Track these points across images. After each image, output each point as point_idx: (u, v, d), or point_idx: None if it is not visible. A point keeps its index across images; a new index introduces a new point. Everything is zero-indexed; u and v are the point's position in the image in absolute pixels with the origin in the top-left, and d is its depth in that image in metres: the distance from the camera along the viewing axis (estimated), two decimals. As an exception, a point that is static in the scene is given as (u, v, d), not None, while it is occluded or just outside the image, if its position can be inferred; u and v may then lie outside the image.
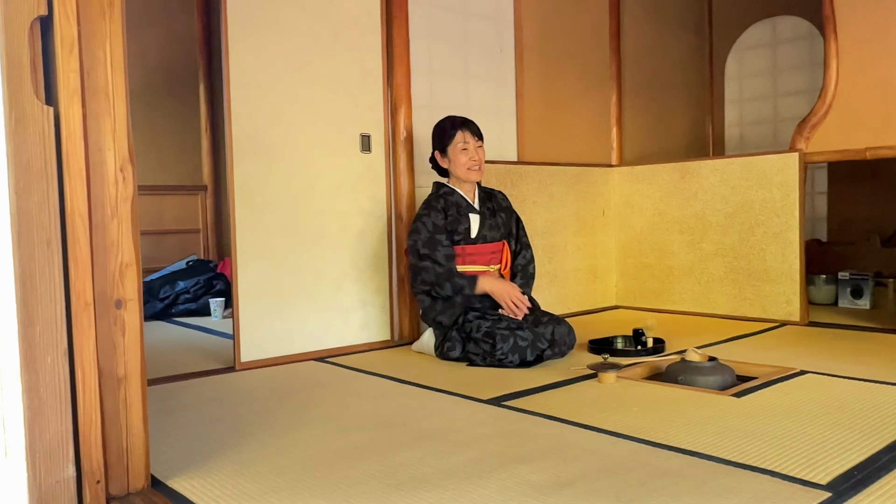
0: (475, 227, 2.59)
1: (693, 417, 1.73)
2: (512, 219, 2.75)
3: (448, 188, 2.63)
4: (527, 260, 2.69)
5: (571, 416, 1.77)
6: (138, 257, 1.29)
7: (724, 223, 3.33)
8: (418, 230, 2.51)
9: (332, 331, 2.73)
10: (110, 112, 1.27)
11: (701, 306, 3.44)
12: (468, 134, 2.56)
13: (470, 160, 2.57)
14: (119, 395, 1.30)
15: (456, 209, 2.58)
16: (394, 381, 2.22)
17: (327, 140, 2.71)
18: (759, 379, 2.08)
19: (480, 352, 2.38)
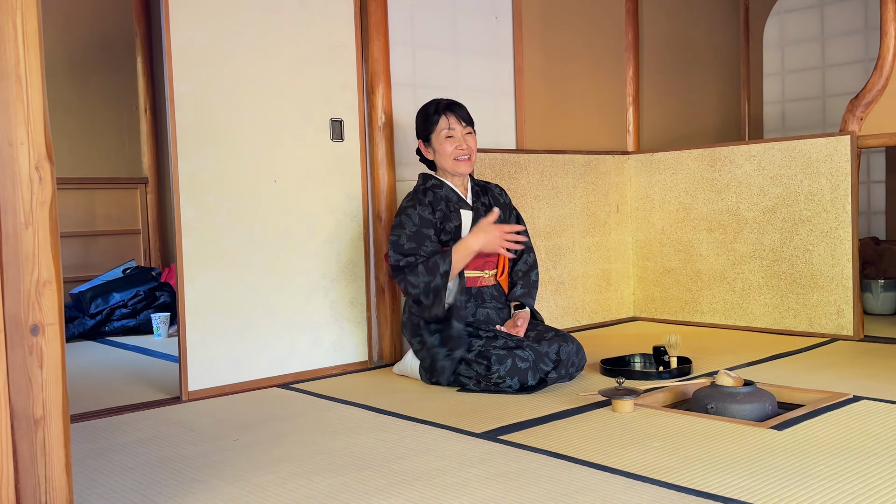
0: (467, 224, 2.60)
1: (725, 455, 1.73)
2: (511, 217, 2.75)
3: (436, 180, 2.63)
4: (528, 265, 2.70)
5: (580, 452, 1.76)
6: (58, 273, 1.27)
7: (761, 220, 3.34)
8: (402, 224, 2.51)
9: (298, 351, 2.73)
10: (23, 99, 1.25)
11: (735, 318, 3.45)
12: (453, 119, 2.57)
13: (457, 149, 2.57)
14: (36, 438, 1.28)
15: (445, 204, 2.59)
16: (372, 411, 2.21)
17: (291, 126, 2.71)
18: (805, 407, 2.09)
19: (473, 375, 2.38)
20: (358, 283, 2.87)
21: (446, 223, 2.56)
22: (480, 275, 2.60)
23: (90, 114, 4.69)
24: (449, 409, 2.21)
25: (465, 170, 2.58)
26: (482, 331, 2.46)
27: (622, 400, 2.08)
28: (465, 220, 2.59)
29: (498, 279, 2.64)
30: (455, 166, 2.58)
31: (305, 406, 2.32)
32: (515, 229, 2.48)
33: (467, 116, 2.59)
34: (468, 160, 2.58)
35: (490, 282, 2.62)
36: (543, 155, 3.47)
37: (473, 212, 2.62)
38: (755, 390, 2.07)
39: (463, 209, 2.61)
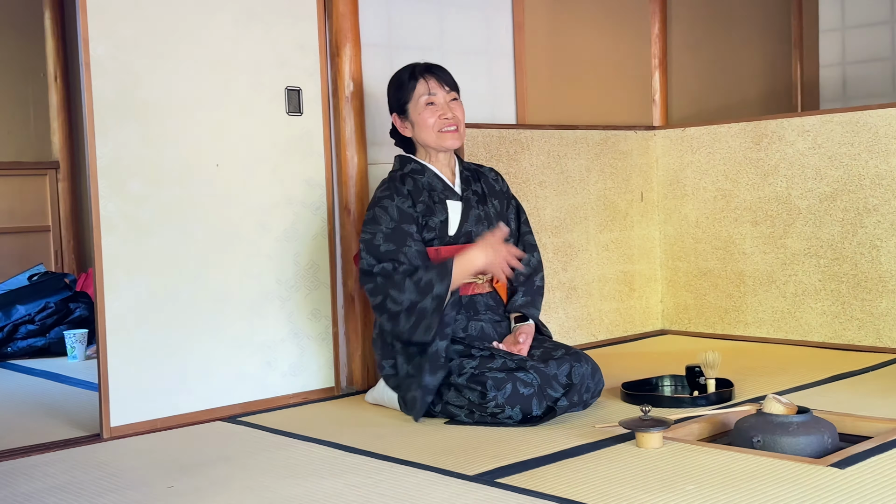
0: (455, 219, 2.60)
1: (776, 499, 1.73)
2: (510, 208, 2.76)
3: (416, 164, 2.63)
4: (532, 267, 2.70)
5: (597, 498, 1.76)
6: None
7: (818, 209, 3.36)
8: (376, 219, 2.51)
9: (248, 376, 2.72)
10: None
11: (785, 331, 3.47)
12: (434, 82, 2.57)
13: (440, 119, 2.57)
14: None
15: (428, 193, 2.59)
16: (339, 449, 2.20)
17: (238, 97, 2.70)
18: (873, 440, 2.09)
19: (465, 403, 2.38)
20: (321, 290, 2.87)
21: (430, 217, 2.56)
22: (473, 280, 2.60)
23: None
24: (435, 446, 2.20)
25: (453, 144, 2.58)
26: (475, 349, 2.46)
27: (648, 433, 2.08)
28: (452, 214, 2.59)
29: (494, 285, 2.65)
30: (440, 140, 2.58)
31: (256, 444, 2.30)
32: (521, 255, 2.50)
33: (451, 80, 2.60)
34: (455, 132, 2.58)
35: (485, 288, 2.62)
36: (550, 131, 3.48)
37: (463, 202, 2.62)
38: (811, 419, 2.08)
39: (450, 199, 2.61)
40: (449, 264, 2.42)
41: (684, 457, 2.01)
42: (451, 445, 2.20)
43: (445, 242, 2.57)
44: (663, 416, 2.19)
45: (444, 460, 2.06)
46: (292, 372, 2.82)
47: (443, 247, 2.57)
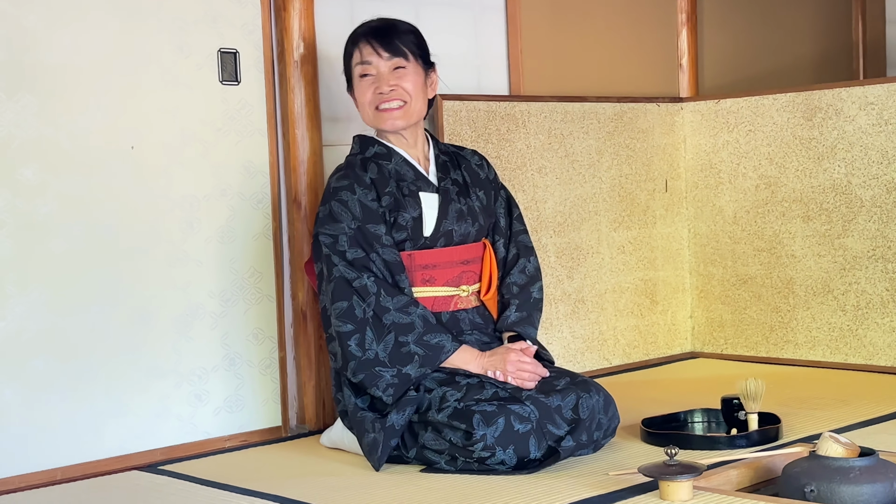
0: (431, 215, 2.60)
1: (832, 563, 1.73)
2: (498, 200, 2.76)
3: (381, 146, 2.63)
4: (528, 275, 2.70)
5: (612, 566, 1.76)
6: None
7: (885, 201, 3.37)
8: (334, 216, 2.51)
9: (172, 414, 2.71)
10: None
11: (845, 353, 3.47)
12: (368, 49, 2.58)
13: (376, 94, 2.58)
14: None
15: (396, 184, 2.58)
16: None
17: (157, 61, 2.69)
18: (951, 486, 2.10)
19: (446, 447, 2.37)
20: (265, 305, 2.86)
21: (399, 213, 2.56)
22: (455, 293, 2.60)
23: None
24: (407, 501, 2.19)
25: (394, 125, 2.59)
26: (460, 376, 2.45)
27: (675, 481, 2.07)
28: (427, 209, 2.59)
29: (482, 298, 2.64)
30: (377, 120, 2.60)
31: (183, 498, 2.28)
32: (543, 373, 2.49)
33: (394, 44, 2.57)
34: (398, 110, 2.58)
35: (471, 302, 2.63)
36: (552, 104, 3.47)
37: (440, 194, 2.61)
38: (877, 463, 2.07)
39: (424, 191, 2.61)
40: (444, 355, 2.45)
41: (720, 511, 2.01)
42: (426, 500, 2.18)
43: (420, 245, 2.58)
44: (693, 460, 2.19)
45: (420, 518, 2.06)
46: (228, 408, 2.80)
47: (416, 251, 2.57)
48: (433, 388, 2.43)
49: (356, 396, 2.48)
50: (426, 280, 2.58)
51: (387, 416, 2.41)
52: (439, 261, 2.60)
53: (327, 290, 2.49)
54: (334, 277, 2.47)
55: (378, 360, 2.43)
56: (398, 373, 2.43)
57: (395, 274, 2.51)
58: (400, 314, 2.45)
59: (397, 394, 2.43)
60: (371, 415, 2.44)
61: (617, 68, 3.78)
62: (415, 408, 2.42)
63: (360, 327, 2.44)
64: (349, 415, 2.50)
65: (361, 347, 2.44)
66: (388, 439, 2.40)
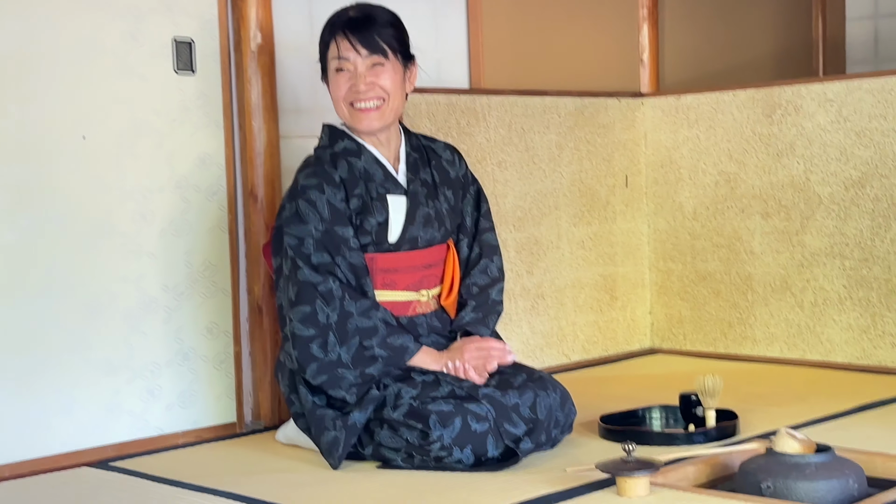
0: (398, 220, 2.58)
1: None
2: (466, 197, 2.74)
3: (351, 141, 2.59)
4: (491, 278, 2.70)
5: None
6: None
7: (843, 198, 3.40)
8: (301, 216, 2.48)
9: (123, 410, 2.69)
10: None
11: (803, 349, 3.50)
12: (346, 43, 2.52)
13: (352, 91, 2.54)
14: None
15: (365, 185, 2.56)
16: (241, 501, 2.18)
17: (110, 49, 2.67)
18: (907, 484, 2.12)
19: (402, 445, 2.37)
20: (220, 299, 2.85)
21: (365, 217, 2.53)
22: (415, 297, 2.60)
23: None
24: (365, 497, 2.18)
25: (370, 126, 2.54)
26: (416, 372, 2.45)
27: (632, 477, 2.08)
28: (394, 213, 2.57)
29: (443, 302, 2.65)
30: (353, 118, 2.55)
31: (135, 496, 2.26)
32: (502, 347, 2.51)
33: (373, 40, 2.51)
34: (375, 111, 2.53)
35: (430, 306, 2.63)
36: (512, 98, 3.47)
37: (409, 197, 2.59)
38: (833, 460, 2.09)
39: (392, 193, 2.58)
40: (407, 356, 2.46)
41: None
42: (383, 497, 2.18)
43: (383, 250, 2.56)
44: (651, 456, 2.19)
45: (375, 515, 2.05)
46: (181, 404, 2.78)
47: (379, 254, 2.56)
48: (389, 385, 2.42)
49: (313, 395, 2.46)
50: (386, 284, 2.56)
51: (349, 415, 2.40)
52: (401, 265, 2.58)
53: (289, 291, 2.46)
54: (298, 280, 2.44)
55: (341, 362, 2.42)
56: (361, 374, 2.42)
57: (360, 277, 2.49)
58: (363, 318, 2.43)
59: (360, 392, 2.42)
60: (331, 412, 2.43)
61: (578, 63, 3.79)
62: (376, 407, 2.41)
63: (323, 332, 2.42)
64: (306, 414, 2.48)
65: (324, 350, 2.42)
66: (349, 438, 2.39)
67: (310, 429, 2.48)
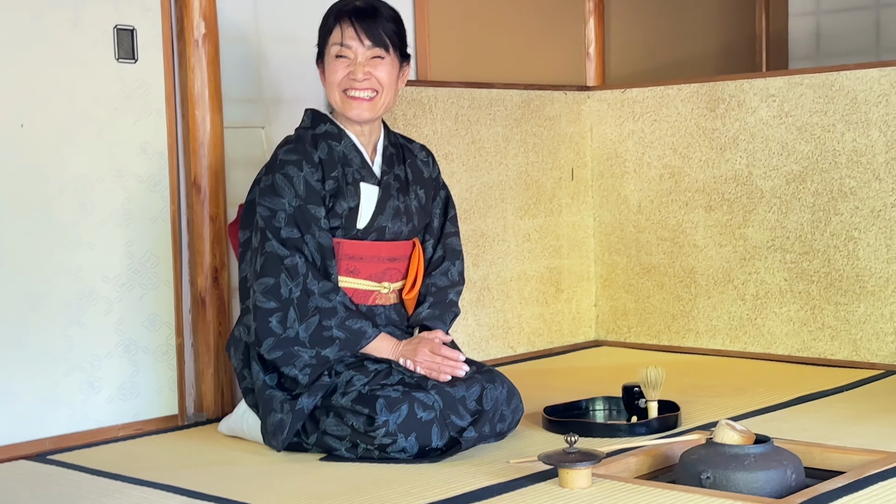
0: (368, 208, 2.58)
1: (726, 549, 1.76)
2: (436, 199, 2.76)
3: (333, 125, 2.60)
4: (451, 280, 2.71)
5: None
6: None
7: (785, 192, 3.44)
8: (276, 189, 2.48)
9: (62, 402, 2.67)
10: None
11: (744, 342, 3.54)
12: (350, 31, 2.54)
13: (348, 78, 2.55)
14: None
15: (342, 169, 2.56)
16: (182, 494, 2.17)
17: (49, 36, 2.64)
18: (847, 475, 2.13)
19: (347, 433, 2.37)
20: (162, 290, 2.83)
21: (338, 200, 2.54)
22: (376, 288, 2.60)
23: None
24: (306, 489, 2.18)
25: (359, 115, 2.56)
26: (369, 361, 2.46)
27: (574, 469, 2.09)
28: (365, 201, 2.57)
29: (404, 296, 2.65)
30: (345, 105, 2.56)
31: (73, 489, 2.24)
32: (456, 359, 2.48)
33: (378, 34, 2.54)
34: (368, 101, 2.55)
35: (389, 299, 2.63)
36: (458, 90, 3.47)
37: (381, 188, 2.59)
38: (772, 451, 2.11)
39: (366, 182, 2.58)
40: (365, 340, 2.46)
41: (617, 498, 2.02)
42: (327, 489, 2.17)
43: (351, 236, 2.57)
44: (593, 447, 2.21)
45: (317, 507, 2.04)
46: (122, 396, 2.76)
47: (345, 240, 2.56)
48: (341, 372, 2.43)
49: (265, 373, 2.47)
50: (350, 271, 2.57)
51: (297, 399, 2.40)
52: (366, 254, 2.59)
53: (255, 262, 2.47)
54: (266, 252, 2.45)
55: (298, 339, 2.42)
56: (317, 354, 2.42)
57: (325, 259, 2.50)
58: (323, 299, 2.44)
59: (314, 375, 2.42)
60: (280, 394, 2.43)
61: (524, 56, 3.80)
62: (327, 392, 2.41)
63: (284, 306, 2.43)
64: (256, 392, 2.48)
65: (283, 325, 2.42)
66: (295, 422, 2.40)
67: (257, 406, 2.48)
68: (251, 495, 2.14)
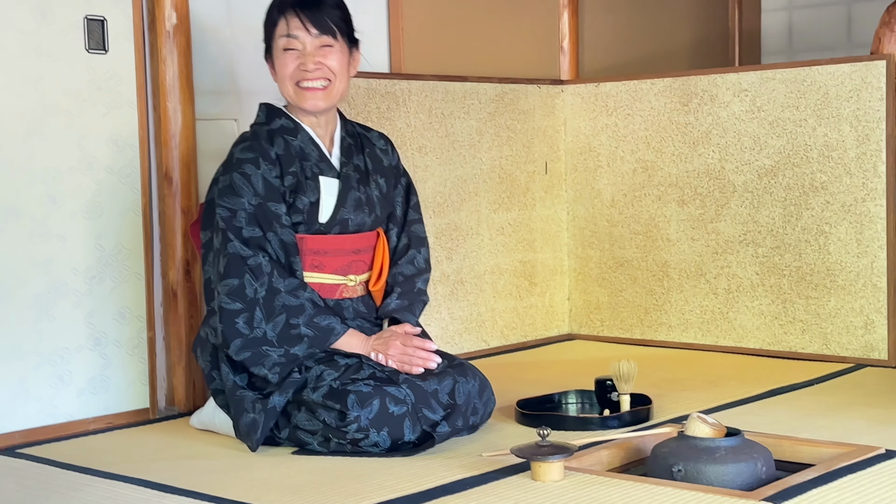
0: (329, 201, 2.58)
1: (697, 541, 1.77)
2: (398, 187, 2.75)
3: (288, 119, 2.60)
4: (417, 268, 2.71)
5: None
6: None
7: (757, 186, 3.46)
8: (235, 188, 2.48)
9: (32, 395, 2.66)
10: None
11: (716, 335, 3.56)
12: (296, 21, 2.54)
13: (299, 70, 2.55)
14: None
15: (300, 164, 2.56)
16: (153, 488, 2.16)
17: (17, 26, 2.63)
18: (816, 468, 2.15)
19: (319, 427, 2.37)
20: (133, 283, 2.82)
21: (298, 196, 2.53)
22: (342, 281, 2.59)
23: None
24: (279, 482, 2.18)
25: (315, 105, 2.56)
26: (339, 355, 2.46)
27: (546, 462, 2.10)
28: (326, 195, 2.57)
29: (371, 288, 2.65)
30: (298, 97, 2.56)
31: (43, 483, 2.23)
32: (430, 350, 2.49)
33: (323, 21, 2.53)
34: (322, 90, 2.55)
35: (357, 292, 2.62)
36: (433, 83, 3.47)
37: (341, 181, 2.59)
38: (742, 444, 2.12)
39: (325, 175, 2.58)
40: (333, 337, 2.45)
41: (590, 491, 2.03)
42: (299, 482, 2.17)
43: (313, 231, 2.56)
44: (566, 441, 2.21)
45: (290, 501, 2.04)
46: (92, 389, 2.75)
47: (309, 235, 2.55)
48: (311, 367, 2.42)
49: (235, 374, 2.46)
50: (315, 266, 2.56)
51: (268, 397, 2.39)
52: (330, 248, 2.58)
53: (217, 264, 2.46)
54: (228, 253, 2.44)
55: (266, 339, 2.41)
56: (286, 353, 2.41)
57: (289, 256, 2.49)
58: (290, 297, 2.43)
59: (283, 373, 2.41)
60: (251, 394, 2.42)
61: (499, 49, 3.80)
62: (297, 389, 2.41)
63: (250, 307, 2.42)
64: (226, 392, 2.48)
65: (250, 326, 2.41)
66: (268, 421, 2.39)
67: (228, 406, 2.47)
68: (223, 489, 2.14)
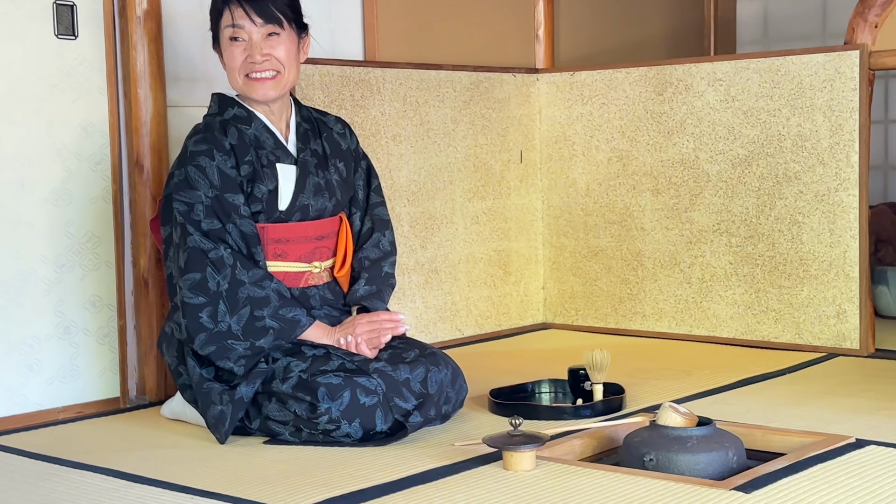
0: (288, 188, 2.57)
1: (667, 530, 1.77)
2: (358, 171, 2.75)
3: (241, 109, 2.59)
4: (383, 251, 2.71)
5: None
6: None
7: (731, 176, 3.47)
8: (190, 182, 2.46)
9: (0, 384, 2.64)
10: None
11: (689, 325, 3.58)
12: (240, 11, 2.52)
13: (247, 62, 2.54)
14: None
15: (255, 152, 2.55)
16: (122, 478, 2.16)
17: (-14, 11, 2.61)
18: (787, 457, 2.17)
19: (290, 418, 2.37)
20: (103, 271, 2.81)
21: (256, 184, 2.52)
22: (307, 269, 2.59)
23: None
24: (250, 472, 2.17)
25: (265, 95, 2.55)
26: (306, 346, 2.45)
27: (518, 451, 2.10)
28: (284, 182, 2.56)
29: (336, 274, 2.64)
30: (248, 88, 2.55)
31: (11, 473, 2.23)
32: (395, 319, 2.50)
33: (269, 9, 2.51)
34: (271, 80, 2.54)
35: (322, 278, 2.62)
36: (407, 71, 3.46)
37: (298, 167, 2.58)
38: (714, 433, 2.13)
39: (282, 162, 2.58)
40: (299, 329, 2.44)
41: (561, 480, 2.04)
42: (270, 472, 2.17)
43: (274, 219, 2.55)
44: (538, 430, 2.22)
45: (261, 491, 2.04)
46: (62, 378, 2.74)
47: (270, 224, 2.55)
48: (279, 358, 2.42)
49: (201, 367, 2.45)
50: (278, 255, 2.55)
51: (236, 389, 2.39)
52: (292, 235, 2.58)
53: (178, 259, 2.44)
54: (188, 247, 2.42)
55: (231, 332, 2.40)
56: (251, 346, 2.40)
57: (251, 246, 2.48)
58: (255, 288, 2.41)
59: (249, 364, 2.40)
60: (218, 386, 2.41)
61: (474, 37, 3.79)
62: (264, 380, 2.40)
63: (213, 300, 2.40)
64: (194, 386, 2.46)
65: (214, 320, 2.40)
66: (236, 412, 2.38)
67: (196, 401, 2.46)
68: (194, 479, 2.13)
